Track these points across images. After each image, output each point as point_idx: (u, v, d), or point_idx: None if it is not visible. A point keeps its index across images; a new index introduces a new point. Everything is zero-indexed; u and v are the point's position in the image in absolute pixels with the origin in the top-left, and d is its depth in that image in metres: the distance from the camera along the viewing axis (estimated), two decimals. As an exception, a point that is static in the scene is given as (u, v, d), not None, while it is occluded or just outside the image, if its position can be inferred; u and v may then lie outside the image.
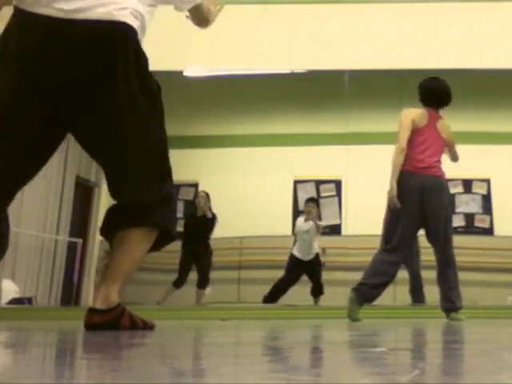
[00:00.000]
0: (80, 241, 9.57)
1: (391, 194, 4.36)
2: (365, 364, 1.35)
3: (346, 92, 9.47)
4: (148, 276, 9.10)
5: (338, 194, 10.08)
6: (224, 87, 9.75)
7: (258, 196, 9.92)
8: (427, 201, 4.41)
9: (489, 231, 9.76)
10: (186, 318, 5.08)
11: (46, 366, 1.40)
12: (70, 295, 9.39)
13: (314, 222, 8.13)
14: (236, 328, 3.41)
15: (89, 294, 9.64)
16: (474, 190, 9.96)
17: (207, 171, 10.21)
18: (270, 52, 8.44)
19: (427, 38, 8.21)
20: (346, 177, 9.89)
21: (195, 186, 10.09)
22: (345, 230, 9.86)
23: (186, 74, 9.15)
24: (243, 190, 9.92)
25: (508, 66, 8.20)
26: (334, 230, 9.92)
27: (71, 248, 9.53)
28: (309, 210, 8.27)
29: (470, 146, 9.77)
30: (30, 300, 7.94)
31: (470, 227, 9.82)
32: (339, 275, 8.90)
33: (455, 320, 4.28)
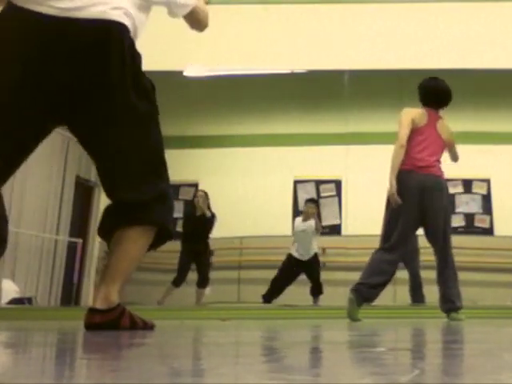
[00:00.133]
0: (80, 241, 9.57)
1: (391, 190, 4.36)
2: (365, 364, 1.35)
3: (346, 92, 9.47)
4: (148, 276, 9.11)
5: (338, 194, 10.09)
6: (224, 87, 9.75)
7: (258, 196, 9.92)
8: (427, 200, 4.41)
9: (489, 231, 9.76)
10: (185, 318, 5.08)
11: (46, 365, 1.40)
12: (70, 295, 9.39)
13: (316, 222, 8.13)
14: (236, 328, 3.41)
15: (89, 293, 9.64)
16: (474, 190, 9.96)
17: (207, 171, 10.21)
18: (270, 52, 8.44)
19: (427, 38, 8.21)
20: (345, 177, 9.89)
21: (195, 186, 10.09)
22: (345, 230, 9.86)
23: (185, 73, 9.15)
24: (243, 190, 9.92)
25: (508, 66, 8.20)
26: (334, 229, 9.92)
27: (71, 248, 9.54)
28: (306, 211, 8.30)
29: (470, 146, 9.77)
30: (30, 300, 7.94)
31: (470, 227, 9.82)
32: (339, 275, 8.90)
33: (455, 320, 4.28)
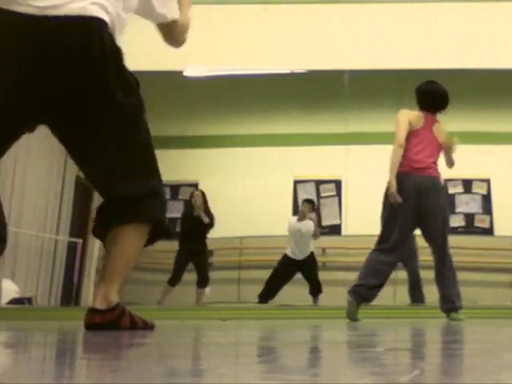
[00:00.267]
0: (80, 241, 9.57)
1: (391, 189, 4.36)
2: (364, 364, 1.35)
3: (346, 92, 9.47)
4: (148, 276, 9.12)
5: (338, 194, 10.09)
6: (224, 87, 9.75)
7: (258, 196, 9.92)
8: (424, 202, 4.41)
9: (489, 231, 9.76)
10: (185, 318, 5.08)
11: (46, 365, 1.40)
12: (70, 295, 9.39)
13: (315, 229, 8.14)
14: (236, 328, 3.42)
15: (89, 294, 9.64)
16: (474, 190, 9.96)
17: (207, 171, 10.21)
18: (270, 52, 8.44)
19: (427, 38, 8.21)
20: (345, 177, 9.89)
21: (195, 186, 10.09)
22: (345, 230, 9.86)
23: (185, 73, 9.15)
24: (243, 190, 9.92)
25: (508, 66, 8.20)
26: (334, 229, 9.92)
27: (71, 248, 9.54)
28: (301, 210, 8.34)
29: (469, 146, 9.76)
30: (30, 300, 7.94)
31: (469, 227, 9.82)
32: (339, 275, 8.90)
33: (455, 320, 4.28)
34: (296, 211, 9.91)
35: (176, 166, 10.19)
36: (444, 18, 8.28)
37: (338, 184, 10.09)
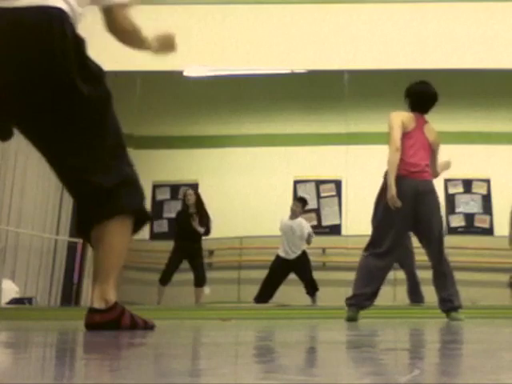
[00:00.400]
0: (80, 241, 9.56)
1: (391, 193, 4.35)
2: (364, 364, 1.35)
3: (346, 92, 9.47)
4: (148, 276, 9.12)
5: (338, 194, 10.08)
6: (224, 87, 9.75)
7: (258, 196, 9.92)
8: (421, 205, 4.41)
9: (489, 231, 9.76)
10: (185, 318, 5.08)
11: (46, 365, 1.40)
12: (70, 295, 9.39)
13: (309, 235, 8.16)
14: (236, 328, 3.42)
15: (89, 294, 9.61)
16: (474, 190, 9.96)
17: (207, 171, 10.21)
18: (270, 52, 8.44)
19: (427, 38, 8.21)
20: (346, 177, 9.89)
21: (195, 186, 10.09)
22: (345, 230, 9.86)
23: (185, 74, 9.15)
24: (243, 190, 9.92)
25: (508, 66, 8.20)
26: (334, 229, 9.92)
27: (71, 248, 9.53)
28: (292, 209, 8.37)
29: (469, 146, 9.79)
30: (30, 300, 7.94)
31: (469, 227, 9.82)
32: (339, 275, 8.90)
33: (455, 320, 4.27)
34: (296, 211, 9.92)
35: (176, 166, 10.19)
36: (444, 19, 8.28)
37: (338, 184, 10.09)
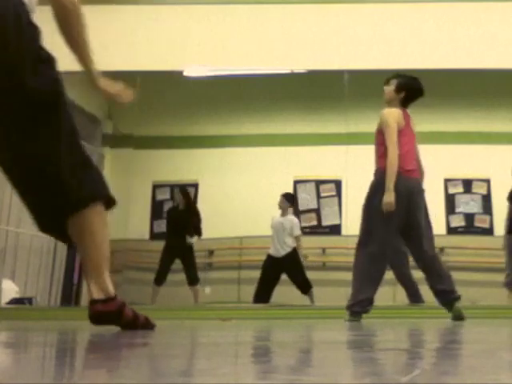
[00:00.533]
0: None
1: (389, 199, 4.33)
2: (364, 364, 1.35)
3: (346, 92, 9.47)
4: (148, 276, 9.10)
5: (338, 194, 10.08)
6: (224, 87, 9.75)
7: (258, 196, 9.91)
8: (414, 204, 4.42)
9: (489, 231, 9.76)
10: (185, 318, 5.08)
11: (46, 365, 1.40)
12: (70, 295, 9.38)
13: (300, 251, 8.18)
14: (236, 328, 3.42)
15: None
16: (474, 190, 9.96)
17: (207, 171, 10.21)
18: (270, 52, 8.44)
19: (427, 38, 8.21)
20: (345, 177, 9.88)
21: (195, 186, 10.09)
22: (345, 230, 9.85)
23: (185, 74, 9.15)
24: (243, 190, 9.92)
25: (508, 66, 8.20)
26: (334, 229, 9.92)
27: (71, 248, 9.52)
28: (279, 206, 8.42)
29: (469, 146, 9.79)
30: (30, 300, 7.94)
31: (469, 227, 9.82)
32: (339, 275, 8.89)
33: (459, 313, 4.21)
34: (296, 211, 9.92)
35: (176, 166, 10.19)
36: (444, 19, 8.28)
37: (338, 184, 10.08)
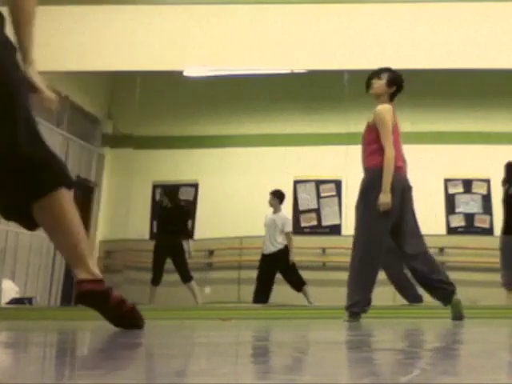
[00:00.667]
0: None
1: (387, 199, 4.33)
2: (364, 364, 1.35)
3: (346, 92, 9.47)
4: (148, 276, 9.09)
5: (338, 194, 10.08)
6: (224, 87, 9.75)
7: (258, 196, 9.91)
8: (406, 201, 4.43)
9: (489, 231, 9.76)
10: (185, 318, 5.08)
11: (46, 365, 1.40)
12: (70, 295, 9.37)
13: (290, 252, 8.20)
14: (235, 328, 3.42)
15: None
16: (474, 190, 9.96)
17: (207, 171, 10.21)
18: (270, 52, 8.43)
19: (427, 37, 8.20)
20: (345, 177, 9.88)
21: (195, 186, 10.09)
22: (345, 230, 9.84)
23: (185, 74, 9.14)
24: (243, 190, 9.92)
25: (508, 66, 8.19)
26: (334, 229, 9.92)
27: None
28: (269, 203, 8.49)
29: (469, 146, 9.79)
30: (30, 300, 7.94)
31: (469, 227, 9.82)
32: (339, 275, 8.87)
33: (458, 307, 4.19)
34: (296, 211, 9.94)
35: (176, 166, 10.19)
36: (444, 19, 8.27)
37: (338, 184, 10.09)
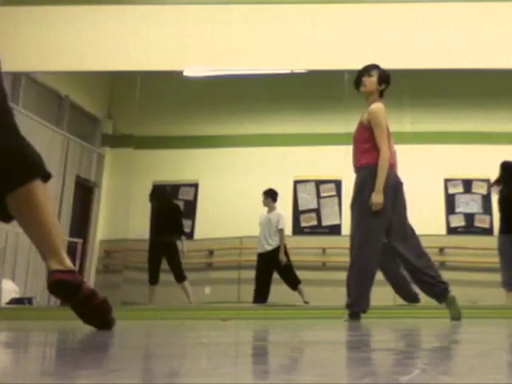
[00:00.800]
0: (80, 241, 9.57)
1: (380, 199, 4.34)
2: (364, 364, 1.35)
3: (346, 92, 9.46)
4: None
5: (338, 194, 10.08)
6: (224, 87, 9.75)
7: (258, 196, 9.92)
8: (399, 198, 4.44)
9: (489, 231, 9.76)
10: (185, 318, 5.08)
11: (46, 365, 1.40)
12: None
13: (281, 253, 8.20)
14: (235, 328, 3.41)
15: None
16: (474, 190, 9.96)
17: (207, 171, 10.21)
18: (270, 52, 8.44)
19: (427, 37, 8.20)
20: (345, 177, 9.88)
21: (195, 186, 10.09)
22: (345, 230, 9.85)
23: (185, 74, 9.15)
24: (243, 190, 9.92)
25: (508, 66, 8.20)
26: (334, 229, 9.92)
27: (71, 248, 9.53)
28: (263, 202, 8.53)
29: (469, 146, 9.79)
30: (30, 300, 7.94)
31: (469, 227, 9.82)
32: (339, 275, 8.87)
33: (454, 304, 4.18)
34: (296, 211, 9.93)
35: (176, 166, 10.19)
36: (444, 18, 8.27)
37: (338, 184, 10.09)
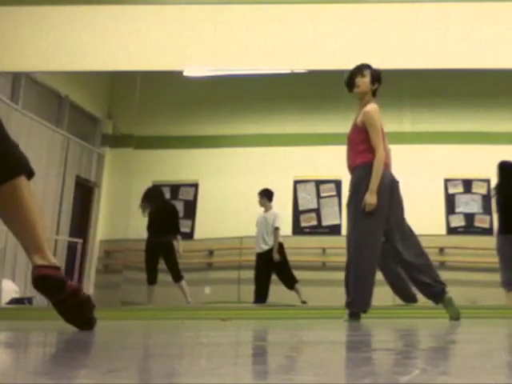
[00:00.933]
0: (80, 241, 9.57)
1: (373, 200, 4.34)
2: (364, 364, 1.35)
3: (346, 92, 9.46)
4: (148, 276, 9.10)
5: (338, 194, 10.08)
6: (224, 87, 9.75)
7: (258, 196, 9.93)
8: (395, 197, 4.44)
9: (489, 231, 9.76)
10: (185, 318, 5.08)
11: (46, 366, 1.40)
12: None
13: (274, 251, 8.21)
14: (235, 328, 3.41)
15: (88, 294, 9.64)
16: (474, 190, 9.96)
17: (207, 171, 10.21)
18: (270, 52, 8.44)
19: (428, 37, 8.21)
20: (345, 177, 9.87)
21: (195, 186, 10.09)
22: (345, 230, 9.83)
23: (185, 74, 9.15)
24: (243, 190, 9.92)
25: (508, 66, 8.20)
26: (334, 229, 9.92)
27: (71, 248, 9.53)
28: (259, 203, 8.51)
29: (470, 146, 9.80)
30: (30, 300, 7.93)
31: (469, 227, 9.82)
32: (339, 275, 8.86)
33: (451, 305, 4.18)
34: (296, 211, 9.93)
35: (176, 166, 10.19)
36: (444, 18, 8.27)
37: (337, 184, 10.09)
